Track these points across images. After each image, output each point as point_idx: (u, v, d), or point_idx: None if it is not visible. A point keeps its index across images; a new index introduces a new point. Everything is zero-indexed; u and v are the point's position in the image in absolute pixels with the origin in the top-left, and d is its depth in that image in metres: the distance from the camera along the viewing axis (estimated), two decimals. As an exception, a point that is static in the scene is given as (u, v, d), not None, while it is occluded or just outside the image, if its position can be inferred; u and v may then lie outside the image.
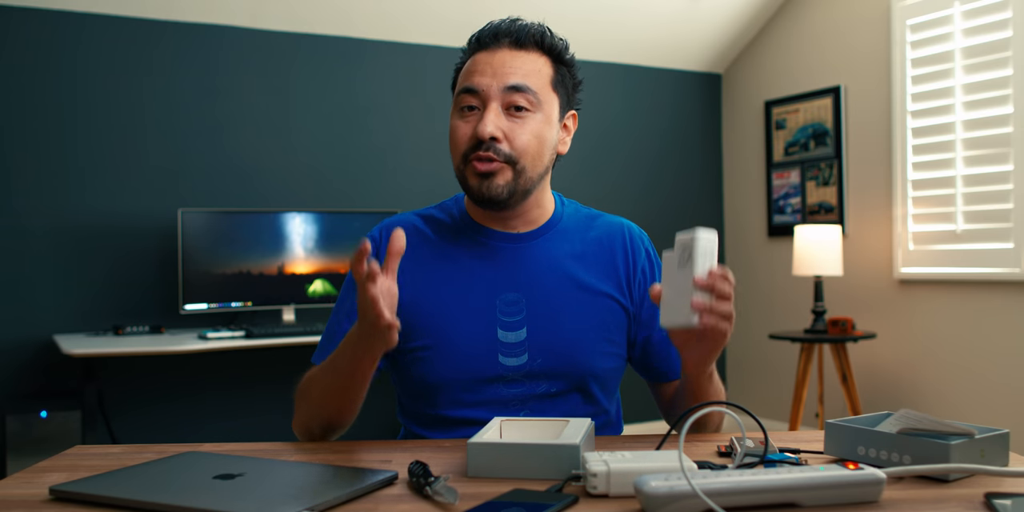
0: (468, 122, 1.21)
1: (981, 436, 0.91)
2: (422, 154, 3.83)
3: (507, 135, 1.19)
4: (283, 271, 3.37)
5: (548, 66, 1.24)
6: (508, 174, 1.20)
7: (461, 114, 1.22)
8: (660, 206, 4.39)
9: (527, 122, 1.20)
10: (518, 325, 1.23)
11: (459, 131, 1.22)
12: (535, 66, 1.22)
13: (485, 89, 1.20)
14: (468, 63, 1.25)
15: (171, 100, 3.41)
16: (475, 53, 1.25)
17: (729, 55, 4.49)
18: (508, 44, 1.22)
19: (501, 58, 1.21)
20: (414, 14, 3.68)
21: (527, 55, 1.22)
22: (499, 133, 1.19)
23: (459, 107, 1.23)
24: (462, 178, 1.23)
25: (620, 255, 1.31)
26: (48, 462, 1.04)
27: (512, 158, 1.19)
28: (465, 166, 1.21)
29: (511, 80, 1.20)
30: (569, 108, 1.29)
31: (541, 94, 1.21)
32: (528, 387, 1.22)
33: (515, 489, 0.86)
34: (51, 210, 3.21)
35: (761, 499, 0.80)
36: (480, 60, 1.22)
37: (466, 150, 1.21)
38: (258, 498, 0.84)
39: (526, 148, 1.20)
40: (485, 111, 1.20)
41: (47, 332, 3.17)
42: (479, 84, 1.20)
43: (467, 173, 1.22)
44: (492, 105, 1.19)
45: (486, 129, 1.18)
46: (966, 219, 3.39)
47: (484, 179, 1.20)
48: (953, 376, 3.48)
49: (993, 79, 3.28)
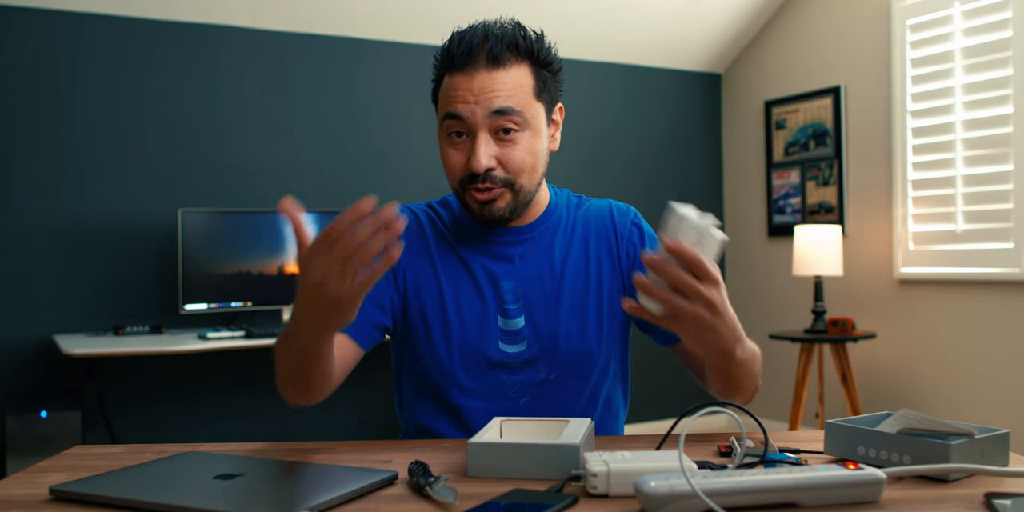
0: (459, 150, 1.20)
1: (981, 436, 0.91)
2: (422, 154, 3.83)
3: (500, 161, 1.18)
4: (283, 271, 3.37)
5: (528, 76, 1.20)
6: (508, 196, 1.21)
7: (450, 140, 1.20)
8: (660, 206, 4.38)
9: (518, 143, 1.19)
10: (516, 313, 1.25)
11: (452, 159, 1.21)
12: (516, 81, 1.18)
13: (469, 117, 1.17)
14: (447, 84, 1.20)
15: (171, 100, 3.41)
16: (451, 73, 1.19)
17: (729, 55, 4.49)
18: (484, 63, 1.17)
19: (480, 82, 1.16)
20: (414, 14, 3.68)
21: (506, 72, 1.17)
22: (493, 163, 1.18)
23: (446, 132, 1.20)
24: (461, 200, 1.24)
25: (611, 234, 1.32)
26: (48, 462, 1.04)
27: (509, 181, 1.20)
28: (463, 192, 1.22)
29: (495, 104, 1.16)
30: (555, 104, 1.26)
31: (527, 111, 1.18)
32: (528, 374, 1.24)
33: (515, 489, 0.86)
34: (51, 210, 3.21)
35: (761, 499, 0.80)
36: (459, 84, 1.17)
37: (462, 179, 1.20)
38: (258, 498, 0.84)
39: (521, 168, 1.20)
40: (475, 141, 1.17)
41: (47, 332, 3.17)
42: (463, 111, 1.17)
43: (467, 198, 1.22)
44: (481, 134, 1.17)
45: (480, 163, 1.16)
46: (966, 219, 3.39)
47: (485, 205, 1.20)
48: (953, 376, 3.48)
49: (993, 79, 3.28)
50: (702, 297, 0.92)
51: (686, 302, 0.92)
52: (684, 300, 0.92)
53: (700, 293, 0.92)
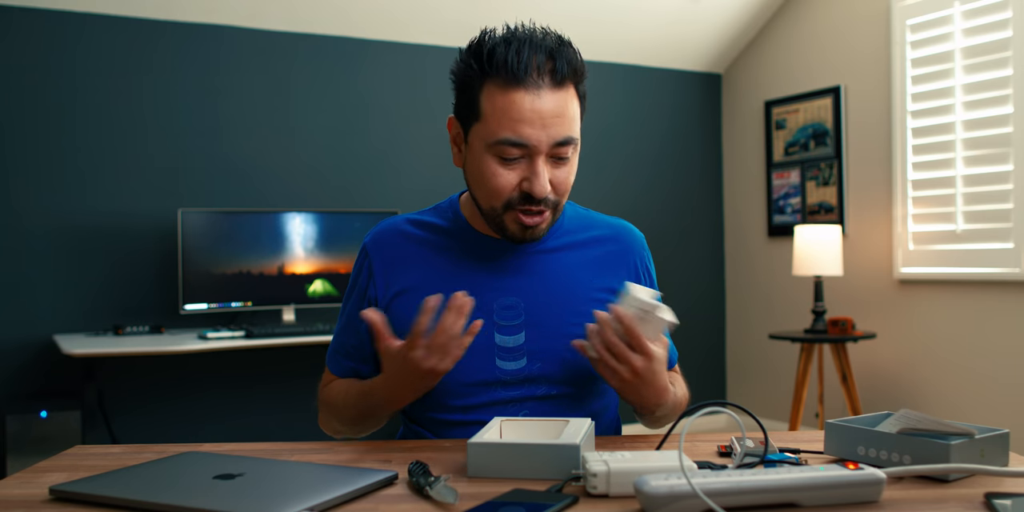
0: (512, 170, 1.15)
1: (981, 436, 0.91)
2: (422, 154, 3.83)
3: (553, 184, 1.16)
4: (283, 271, 3.37)
5: (575, 98, 1.16)
6: (549, 217, 1.19)
7: (501, 161, 1.14)
8: (660, 206, 4.39)
9: (569, 167, 1.18)
10: (516, 329, 1.22)
11: (501, 179, 1.15)
12: (573, 106, 1.15)
13: (536, 145, 1.12)
14: (504, 102, 1.11)
15: (171, 100, 3.41)
16: (511, 89, 1.11)
17: (729, 55, 4.49)
18: (548, 83, 1.12)
19: (547, 105, 1.11)
20: (414, 14, 3.68)
21: (566, 94, 1.13)
22: (550, 187, 1.16)
23: (499, 155, 1.14)
24: (497, 220, 1.19)
25: (626, 257, 1.30)
26: (48, 462, 1.04)
27: (556, 203, 1.19)
28: (505, 212, 1.17)
29: (563, 134, 1.13)
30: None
31: (578, 136, 1.17)
32: (527, 390, 1.21)
33: (515, 489, 0.86)
34: (51, 210, 3.21)
35: (761, 499, 0.80)
36: (524, 106, 1.10)
37: (510, 200, 1.16)
38: (258, 498, 0.84)
39: (567, 189, 1.19)
40: (535, 166, 1.13)
41: (47, 332, 3.17)
42: (530, 139, 1.11)
43: (507, 220, 1.18)
44: (541, 159, 1.13)
45: (544, 189, 1.13)
46: (966, 219, 3.39)
47: (529, 229, 1.18)
48: (953, 376, 3.48)
49: (993, 79, 3.28)
50: (629, 363, 1.07)
51: (615, 362, 1.08)
52: (614, 359, 1.08)
53: (628, 359, 1.07)
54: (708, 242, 4.56)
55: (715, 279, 4.57)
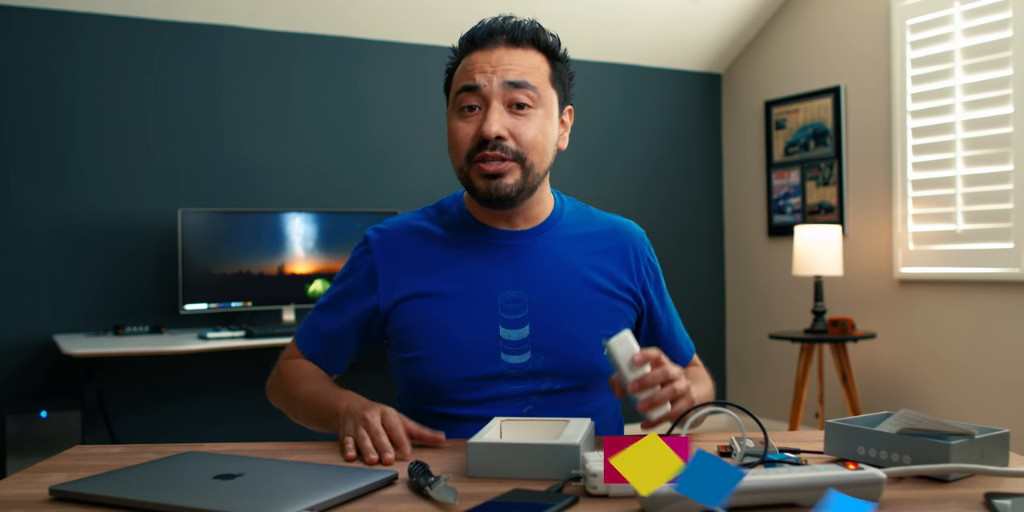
0: (470, 122, 1.19)
1: (981, 436, 0.91)
2: (422, 154, 3.83)
3: (512, 132, 1.18)
4: (283, 271, 3.37)
5: (544, 63, 1.23)
6: (517, 173, 1.18)
7: (461, 114, 1.20)
8: (660, 206, 4.39)
9: (531, 118, 1.19)
10: (520, 323, 1.22)
11: (461, 131, 1.19)
12: (533, 62, 1.21)
13: (486, 86, 1.18)
14: (464, 62, 1.22)
15: (171, 100, 3.41)
16: (470, 52, 1.22)
17: (729, 55, 4.49)
18: (504, 42, 1.20)
19: (499, 55, 1.19)
20: (414, 14, 3.68)
21: (524, 52, 1.21)
22: (504, 131, 1.17)
23: (458, 107, 1.20)
24: (466, 180, 1.21)
25: (628, 251, 1.31)
26: (48, 462, 1.04)
27: (520, 155, 1.18)
28: (470, 167, 1.19)
29: (511, 76, 1.18)
30: (566, 104, 1.28)
31: (541, 90, 1.20)
32: (531, 384, 1.21)
33: (515, 489, 0.86)
34: (51, 210, 3.21)
35: (761, 499, 0.80)
36: (477, 58, 1.20)
37: (470, 150, 1.18)
38: (258, 498, 0.84)
39: (533, 144, 1.19)
40: (488, 110, 1.17)
41: (47, 332, 3.17)
42: (479, 81, 1.18)
43: (472, 174, 1.19)
44: (494, 103, 1.18)
45: (492, 128, 1.16)
46: (966, 219, 3.39)
47: (493, 180, 1.18)
48: (953, 376, 3.48)
49: (993, 79, 3.28)
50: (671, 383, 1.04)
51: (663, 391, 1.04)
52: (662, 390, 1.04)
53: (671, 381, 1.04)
54: (708, 242, 4.56)
55: (715, 279, 4.57)
